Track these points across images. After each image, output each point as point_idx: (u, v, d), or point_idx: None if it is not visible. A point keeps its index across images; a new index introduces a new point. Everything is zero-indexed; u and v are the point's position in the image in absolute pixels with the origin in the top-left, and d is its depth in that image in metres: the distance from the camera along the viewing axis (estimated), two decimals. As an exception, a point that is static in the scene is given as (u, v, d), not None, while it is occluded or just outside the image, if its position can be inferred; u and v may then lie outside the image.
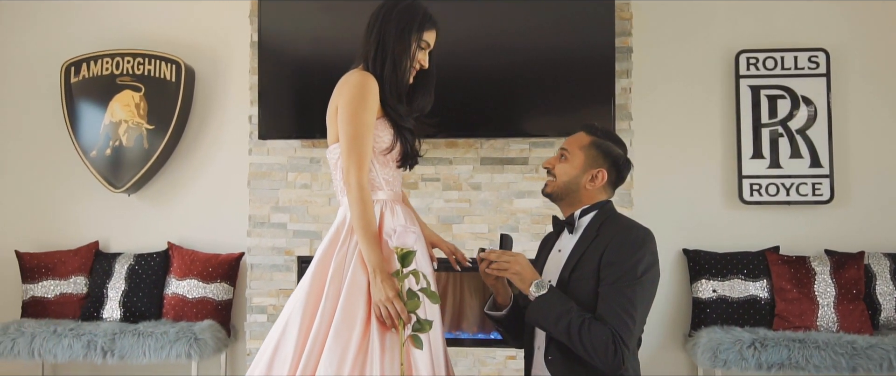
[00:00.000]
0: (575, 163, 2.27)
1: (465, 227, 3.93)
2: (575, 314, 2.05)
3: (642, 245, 2.12)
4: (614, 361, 2.00)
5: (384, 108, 2.25)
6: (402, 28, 2.25)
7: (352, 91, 2.19)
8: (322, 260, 2.20)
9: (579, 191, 2.27)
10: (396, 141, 2.25)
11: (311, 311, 2.12)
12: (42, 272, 4.28)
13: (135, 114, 4.36)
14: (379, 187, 2.26)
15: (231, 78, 4.40)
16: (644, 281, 2.08)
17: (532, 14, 3.86)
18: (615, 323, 2.02)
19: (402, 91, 2.29)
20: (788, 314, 3.88)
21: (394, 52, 2.24)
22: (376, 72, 2.24)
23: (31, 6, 4.57)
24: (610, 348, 2.00)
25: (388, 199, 2.27)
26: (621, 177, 2.32)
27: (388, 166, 2.28)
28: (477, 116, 3.93)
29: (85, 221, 4.48)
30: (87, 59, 4.41)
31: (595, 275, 2.11)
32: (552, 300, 2.09)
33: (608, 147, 2.28)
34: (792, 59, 4.18)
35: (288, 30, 3.97)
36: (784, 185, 4.15)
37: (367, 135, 2.17)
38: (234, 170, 4.30)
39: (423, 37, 2.29)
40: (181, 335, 3.86)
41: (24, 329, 3.92)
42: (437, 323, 2.21)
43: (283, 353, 2.10)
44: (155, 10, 4.48)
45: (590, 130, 2.32)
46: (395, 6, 2.29)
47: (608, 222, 2.22)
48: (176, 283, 4.20)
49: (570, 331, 2.03)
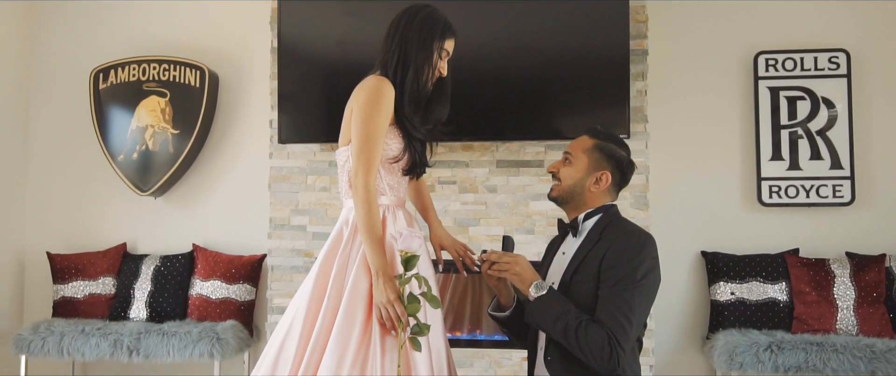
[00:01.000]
0: (579, 167, 2.30)
1: (482, 229, 3.96)
2: (572, 315, 2.08)
3: (642, 249, 2.14)
4: (609, 363, 2.03)
5: (398, 117, 2.27)
6: (425, 36, 2.27)
7: (367, 94, 2.21)
8: (325, 261, 2.25)
9: (584, 194, 2.30)
10: (405, 151, 2.28)
11: (314, 312, 2.17)
12: (72, 273, 4.40)
13: (160, 118, 4.47)
14: (382, 192, 2.29)
15: (253, 83, 4.49)
16: (643, 285, 2.11)
17: (547, 17, 3.89)
18: (612, 325, 2.04)
19: (421, 100, 2.31)
20: (807, 317, 3.85)
21: (416, 60, 2.26)
22: (396, 79, 2.26)
23: (63, 16, 4.71)
24: (605, 350, 2.02)
25: (391, 204, 2.31)
26: (625, 178, 2.34)
27: (393, 173, 2.31)
28: (493, 119, 3.96)
29: (113, 223, 4.60)
30: (115, 66, 4.53)
31: (595, 278, 2.14)
32: (551, 301, 2.12)
33: (611, 149, 2.31)
34: (812, 60, 4.15)
35: (307, 36, 4.04)
36: (804, 187, 4.12)
37: (379, 139, 2.19)
38: (256, 173, 4.39)
39: (444, 45, 2.31)
40: (204, 335, 3.95)
41: (54, 328, 4.05)
42: (438, 325, 2.24)
43: (286, 353, 2.15)
44: (179, 18, 4.59)
45: (593, 133, 2.35)
46: (417, 14, 2.31)
47: (611, 226, 2.24)
48: (200, 284, 4.30)
49: (567, 332, 2.06)
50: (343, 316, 2.11)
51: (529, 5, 3.89)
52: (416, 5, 2.35)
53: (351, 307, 2.13)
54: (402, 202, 2.38)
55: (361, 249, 2.20)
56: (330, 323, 2.13)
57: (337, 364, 2.05)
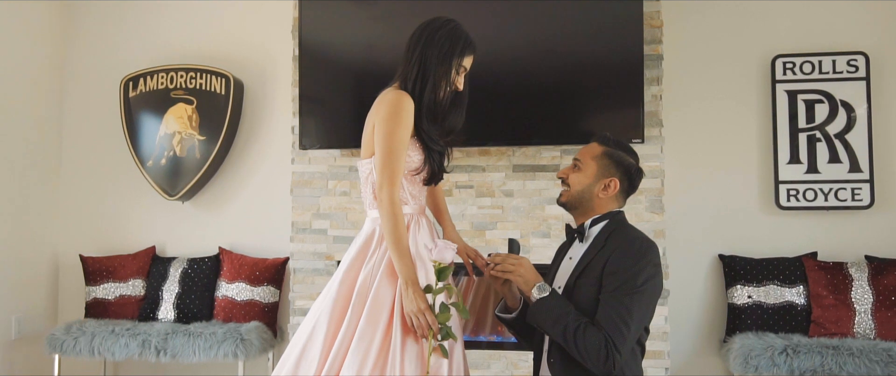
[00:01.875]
0: (588, 173, 2.34)
1: (498, 233, 4.02)
2: (572, 317, 2.13)
3: (643, 256, 2.18)
4: (605, 366, 2.08)
5: (417, 129, 2.33)
6: (445, 52, 2.34)
7: (388, 109, 2.27)
8: (350, 268, 2.33)
9: (592, 200, 2.34)
10: (426, 162, 2.35)
11: (339, 318, 2.25)
12: (103, 275, 4.55)
13: (188, 125, 4.60)
14: (405, 202, 2.36)
15: (276, 90, 4.60)
16: (643, 291, 2.14)
17: (562, 23, 3.94)
18: (610, 329, 2.09)
19: (439, 113, 2.37)
20: (825, 320, 3.85)
21: (435, 75, 2.32)
22: (415, 93, 2.32)
23: (94, 27, 4.87)
24: (602, 353, 2.07)
25: (414, 213, 2.38)
26: (633, 185, 2.38)
27: (414, 183, 2.38)
28: (509, 125, 4.02)
29: (143, 227, 4.74)
30: (144, 75, 4.67)
31: (598, 283, 2.19)
32: (552, 303, 2.18)
33: (620, 156, 2.34)
34: (830, 63, 4.14)
35: (326, 45, 4.13)
36: (822, 191, 4.11)
37: (401, 152, 2.26)
38: (279, 178, 4.50)
39: (463, 62, 2.38)
40: (228, 335, 4.06)
41: (86, 328, 4.19)
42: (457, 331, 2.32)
43: (310, 354, 2.22)
44: (205, 28, 4.72)
45: (602, 141, 2.38)
46: (439, 29, 2.37)
47: (616, 233, 2.28)
48: (226, 286, 4.42)
49: (566, 334, 2.12)
50: (365, 322, 2.19)
51: (544, 11, 3.94)
52: (438, 19, 2.41)
53: (374, 313, 2.20)
54: (423, 210, 2.46)
55: (385, 259, 2.27)
56: (354, 329, 2.20)
57: (359, 366, 2.13)
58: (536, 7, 3.95)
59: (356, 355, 2.14)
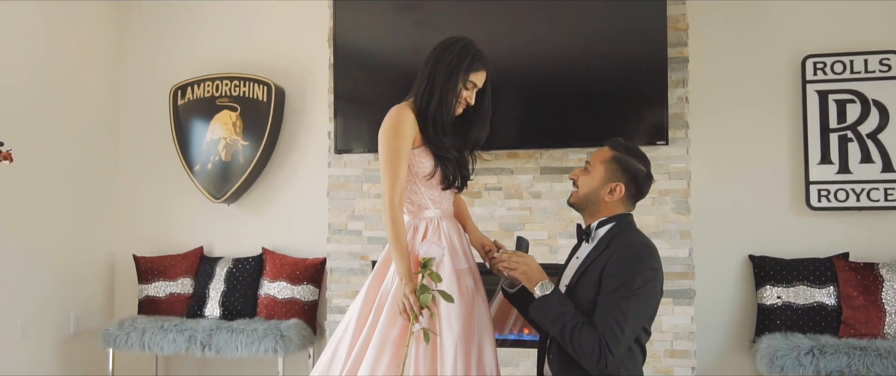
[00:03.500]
0: (596, 176, 2.42)
1: (526, 234, 4.09)
2: (570, 316, 2.22)
3: (642, 261, 2.24)
4: (598, 366, 2.15)
5: (424, 139, 2.49)
6: (452, 68, 2.47)
7: (388, 123, 2.46)
8: (378, 272, 2.52)
9: (599, 203, 2.41)
10: (436, 168, 2.49)
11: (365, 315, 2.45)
12: (155, 274, 4.81)
13: (232, 131, 4.82)
14: (426, 206, 2.53)
15: (315, 97, 4.78)
16: (639, 294, 2.20)
17: (587, 28, 4.03)
18: (605, 330, 2.16)
19: (447, 124, 2.50)
20: (855, 321, 3.84)
21: (441, 89, 2.46)
22: (421, 106, 2.48)
23: (146, 40, 5.14)
24: (595, 352, 2.15)
25: (435, 217, 2.53)
26: (641, 191, 2.43)
27: (432, 188, 2.53)
28: (536, 128, 4.12)
29: (191, 229, 4.99)
30: (192, 83, 4.91)
31: (597, 284, 2.26)
32: (552, 301, 2.27)
33: (628, 162, 2.40)
34: (862, 62, 4.12)
35: (361, 51, 4.29)
36: (854, 191, 4.09)
37: (399, 161, 2.42)
38: (316, 181, 4.68)
39: (470, 78, 2.50)
40: (269, 332, 4.26)
41: (137, 324, 4.45)
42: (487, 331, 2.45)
43: (340, 352, 2.44)
44: (249, 39, 4.95)
45: (613, 145, 2.45)
46: (450, 47, 2.51)
47: (619, 236, 2.34)
48: (268, 285, 4.62)
49: (563, 332, 2.21)
50: (385, 318, 2.38)
51: (570, 16, 4.03)
52: (452, 38, 2.54)
53: (394, 310, 2.38)
54: (449, 213, 2.60)
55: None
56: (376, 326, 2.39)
57: (376, 356, 2.31)
58: (562, 11, 4.03)
59: (374, 348, 2.31)
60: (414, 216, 2.53)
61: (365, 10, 4.28)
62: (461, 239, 2.58)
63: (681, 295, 3.93)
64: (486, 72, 2.53)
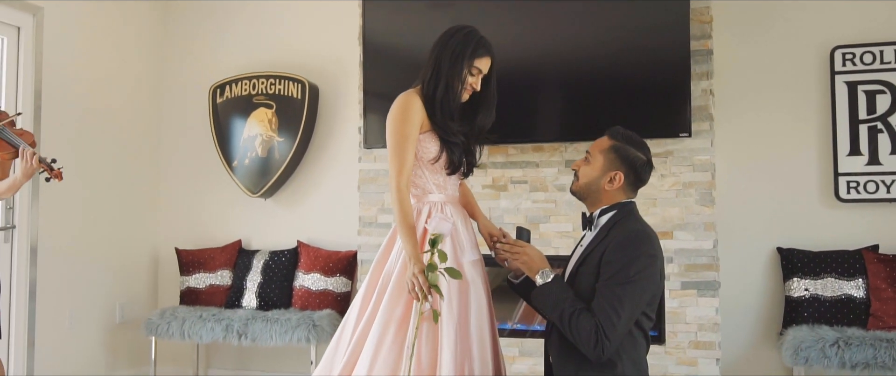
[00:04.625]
0: (595, 166, 2.47)
1: (551, 227, 4.17)
2: (568, 303, 2.27)
3: (638, 247, 2.28)
4: (595, 351, 2.21)
5: (432, 124, 2.57)
6: (457, 55, 2.55)
7: (395, 109, 2.56)
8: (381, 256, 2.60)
9: (599, 192, 2.47)
10: (442, 152, 2.57)
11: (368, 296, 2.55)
12: (195, 266, 4.99)
13: (268, 128, 4.98)
14: (430, 191, 2.61)
15: (347, 93, 4.91)
16: (636, 280, 2.24)
17: (611, 22, 4.07)
18: (601, 317, 2.21)
19: (454, 110, 2.59)
20: (883, 313, 3.80)
21: (447, 75, 2.55)
22: (429, 92, 2.57)
23: (185, 40, 5.35)
24: (592, 338, 2.20)
25: (440, 202, 2.61)
26: (640, 179, 2.48)
27: (437, 172, 2.60)
28: (560, 121, 4.18)
29: (230, 223, 5.16)
30: (230, 82, 5.08)
31: (596, 271, 2.31)
32: (553, 289, 2.34)
33: (626, 151, 2.45)
34: (892, 52, 4.07)
35: (389, 48, 4.40)
36: (884, 182, 4.04)
37: (406, 145, 2.51)
38: (348, 175, 4.81)
39: (475, 64, 2.58)
40: (302, 322, 4.39)
41: (177, 314, 4.64)
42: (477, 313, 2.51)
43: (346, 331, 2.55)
44: (284, 38, 5.10)
45: (612, 135, 2.50)
46: (454, 34, 2.60)
47: (619, 224, 2.39)
48: (303, 277, 4.76)
49: (562, 318, 2.27)
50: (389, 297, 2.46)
51: (594, 10, 4.07)
52: (456, 26, 2.64)
53: (397, 290, 2.46)
54: (455, 199, 2.67)
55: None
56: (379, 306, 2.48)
57: (380, 335, 2.40)
58: (587, 7, 4.08)
59: (378, 326, 2.40)
60: (418, 200, 2.60)
61: (393, 8, 4.39)
62: (466, 225, 2.65)
63: (705, 286, 3.94)
64: (490, 58, 2.60)
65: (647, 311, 2.34)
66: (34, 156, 3.17)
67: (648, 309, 2.34)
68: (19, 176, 3.19)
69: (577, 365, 2.29)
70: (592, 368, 2.26)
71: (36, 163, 3.17)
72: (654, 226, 3.96)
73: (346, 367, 2.42)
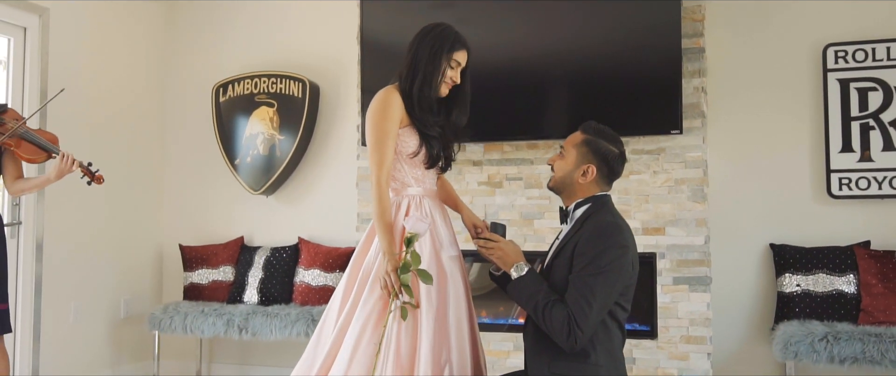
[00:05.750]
0: (569, 160, 2.53)
1: (545, 223, 4.23)
2: (542, 295, 2.33)
3: (609, 238, 2.33)
4: (568, 341, 2.26)
5: (411, 118, 2.63)
6: (435, 50, 2.62)
7: (375, 105, 2.62)
8: (360, 251, 2.66)
9: (574, 185, 2.52)
10: (421, 146, 2.63)
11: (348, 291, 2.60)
12: (198, 262, 5.08)
13: (269, 126, 5.06)
14: (409, 184, 2.66)
15: (348, 92, 4.98)
16: (607, 271, 2.29)
17: (603, 20, 4.13)
18: (573, 307, 2.27)
19: (432, 104, 2.65)
20: (873, 309, 3.84)
21: (425, 71, 2.61)
22: (406, 87, 2.63)
23: (188, 40, 5.44)
24: (565, 329, 2.26)
25: (418, 195, 2.66)
26: (614, 171, 2.53)
27: (417, 167, 2.66)
28: (555, 119, 4.24)
29: (232, 220, 5.25)
30: (232, 81, 5.17)
31: (569, 263, 2.37)
32: (527, 281, 2.40)
33: (598, 144, 2.50)
34: (884, 50, 4.10)
35: (387, 47, 4.47)
36: (876, 179, 4.08)
37: (386, 141, 2.57)
38: (347, 173, 4.88)
39: (454, 57, 2.65)
40: (300, 316, 4.47)
41: (180, 309, 4.72)
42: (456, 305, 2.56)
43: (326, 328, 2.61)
44: (285, 38, 5.19)
45: (585, 130, 2.56)
46: (431, 31, 2.67)
47: (593, 216, 2.44)
48: (303, 273, 4.84)
49: (536, 309, 2.32)
50: (368, 292, 2.51)
51: (586, 10, 4.13)
52: (431, 24, 2.70)
53: (375, 285, 2.50)
54: (432, 193, 2.72)
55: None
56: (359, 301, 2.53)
57: (360, 332, 2.45)
58: (579, 5, 4.14)
59: (358, 321, 2.45)
60: (397, 193, 2.66)
61: (391, 8, 4.46)
62: (445, 219, 2.71)
63: (697, 281, 3.99)
64: (467, 52, 2.66)
65: (620, 302, 2.38)
66: (74, 162, 3.34)
67: (622, 300, 2.39)
68: (52, 176, 3.41)
69: (552, 355, 2.35)
70: (566, 358, 2.31)
71: (75, 168, 3.35)
72: (646, 221, 4.07)
73: (325, 362, 2.48)
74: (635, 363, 4.03)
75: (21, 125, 3.39)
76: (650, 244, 4.07)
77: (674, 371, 3.99)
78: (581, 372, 2.31)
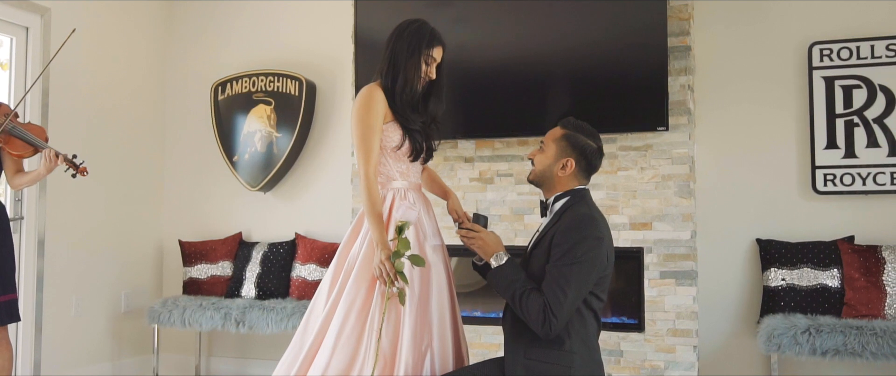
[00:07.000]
0: (549, 154, 2.61)
1: (535, 218, 4.31)
2: (519, 284, 2.42)
3: (585, 230, 2.41)
4: (543, 328, 2.34)
5: (394, 113, 2.72)
6: (412, 46, 2.72)
7: (359, 102, 2.70)
8: (347, 242, 2.74)
9: (553, 179, 2.61)
10: (404, 139, 2.72)
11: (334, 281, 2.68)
12: (197, 257, 5.17)
13: (266, 124, 5.15)
14: (393, 177, 2.75)
15: (343, 90, 5.07)
16: (582, 261, 2.37)
17: (590, 18, 4.21)
18: (549, 296, 2.35)
19: (412, 99, 2.75)
20: (856, 302, 3.91)
21: (405, 67, 2.71)
22: (388, 84, 2.72)
23: (188, 38, 5.54)
24: (540, 316, 2.34)
25: (403, 188, 2.75)
26: (592, 165, 2.61)
27: (401, 160, 2.75)
28: (544, 116, 4.31)
29: (231, 216, 5.35)
30: (231, 80, 5.26)
31: (547, 254, 2.45)
32: (505, 271, 2.48)
33: (577, 138, 2.58)
34: (868, 48, 4.17)
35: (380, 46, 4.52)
36: (860, 175, 4.14)
37: (372, 135, 2.65)
38: (342, 169, 4.97)
39: (431, 53, 2.75)
40: (296, 310, 4.56)
41: (179, 303, 4.82)
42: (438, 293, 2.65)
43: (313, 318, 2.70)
44: (282, 36, 5.28)
45: (563, 124, 2.64)
46: (407, 28, 2.76)
47: (571, 208, 2.53)
48: (300, 267, 4.93)
49: (513, 298, 2.41)
50: (352, 282, 2.59)
51: (574, 9, 4.21)
52: (407, 20, 2.80)
53: (360, 275, 2.60)
54: (416, 186, 2.82)
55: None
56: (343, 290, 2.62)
57: (343, 317, 2.55)
58: (567, 5, 4.22)
59: (343, 308, 2.54)
60: (383, 186, 2.73)
61: (384, 7, 4.55)
62: (428, 211, 2.80)
63: (683, 276, 4.07)
64: (442, 48, 2.76)
65: (596, 292, 2.46)
66: (58, 157, 3.42)
67: (597, 290, 2.46)
68: (42, 170, 3.52)
69: (528, 342, 2.43)
70: (541, 345, 2.40)
71: (60, 162, 3.43)
72: (633, 217, 4.15)
73: (311, 348, 2.57)
74: (623, 355, 4.11)
75: (8, 120, 3.46)
76: (637, 239, 4.15)
77: (661, 363, 4.07)
78: (556, 358, 2.39)
